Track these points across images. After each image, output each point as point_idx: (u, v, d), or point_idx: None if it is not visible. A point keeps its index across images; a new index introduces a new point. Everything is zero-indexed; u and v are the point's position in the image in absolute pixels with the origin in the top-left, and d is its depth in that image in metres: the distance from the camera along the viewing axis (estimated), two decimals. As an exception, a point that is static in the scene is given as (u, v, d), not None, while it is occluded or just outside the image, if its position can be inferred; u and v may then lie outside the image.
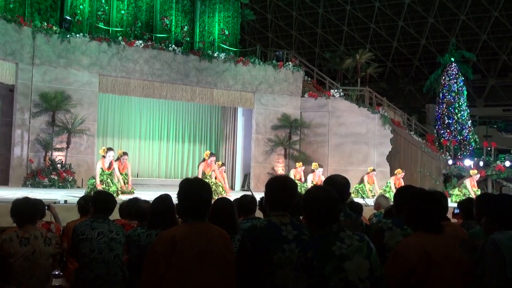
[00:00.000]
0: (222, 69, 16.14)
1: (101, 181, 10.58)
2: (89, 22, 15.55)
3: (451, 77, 21.81)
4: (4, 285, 3.86)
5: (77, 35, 14.31)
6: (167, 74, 15.42)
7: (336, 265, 2.55)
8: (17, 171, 13.36)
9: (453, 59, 22.49)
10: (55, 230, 5.00)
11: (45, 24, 14.10)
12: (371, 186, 13.85)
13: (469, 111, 22.23)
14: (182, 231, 2.86)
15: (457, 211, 5.32)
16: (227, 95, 16.35)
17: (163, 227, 3.36)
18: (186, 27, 17.57)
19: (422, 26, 31.66)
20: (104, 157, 10.83)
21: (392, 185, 13.55)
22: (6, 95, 14.06)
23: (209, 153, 12.07)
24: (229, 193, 11.62)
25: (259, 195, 4.56)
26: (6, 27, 13.15)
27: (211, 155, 12.06)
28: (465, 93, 22.06)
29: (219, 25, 17.92)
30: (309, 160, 15.72)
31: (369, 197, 13.37)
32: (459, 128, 21.22)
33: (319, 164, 13.97)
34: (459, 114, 21.38)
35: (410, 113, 21.76)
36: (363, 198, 12.32)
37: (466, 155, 19.79)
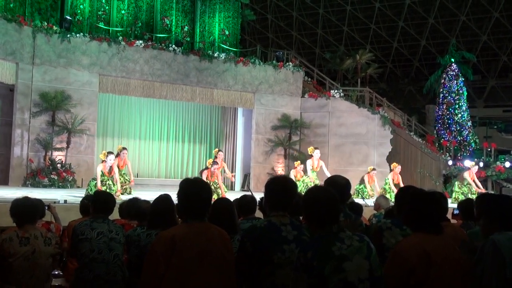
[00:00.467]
0: (222, 69, 16.14)
1: (102, 182, 10.58)
2: (89, 22, 15.55)
3: (451, 78, 21.80)
4: (4, 285, 3.86)
5: (77, 35, 14.31)
6: (167, 74, 15.43)
7: (336, 265, 2.55)
8: (17, 171, 13.36)
9: (453, 60, 22.49)
10: (55, 230, 5.01)
11: (45, 24, 14.10)
12: (371, 185, 13.80)
13: (469, 112, 22.22)
14: (182, 231, 2.86)
15: (456, 211, 5.32)
16: (227, 95, 16.36)
17: (163, 227, 3.36)
18: (186, 27, 17.57)
19: (422, 26, 31.66)
20: (104, 161, 10.78)
21: (390, 181, 13.48)
22: (6, 94, 14.07)
23: (211, 161, 11.48)
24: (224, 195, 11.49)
25: (259, 195, 4.56)
26: (6, 27, 13.16)
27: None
28: (465, 93, 22.05)
29: (219, 25, 17.92)
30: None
31: (371, 197, 13.34)
32: (459, 128, 21.21)
33: (314, 147, 13.90)
34: (459, 114, 21.38)
35: (410, 113, 21.76)
36: (363, 198, 12.32)
37: (466, 156, 19.78)
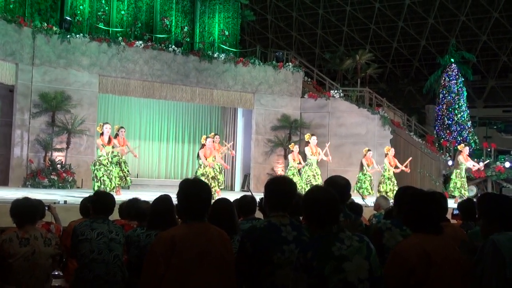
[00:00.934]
0: (222, 70, 16.15)
1: (102, 160, 10.69)
2: (89, 22, 15.55)
3: (451, 78, 21.81)
4: (3, 285, 3.86)
5: (77, 36, 14.31)
6: (167, 74, 15.43)
7: (335, 265, 2.55)
8: (17, 172, 13.36)
9: (453, 60, 22.50)
10: (55, 230, 5.01)
11: (45, 24, 14.10)
12: (371, 167, 13.74)
13: (469, 112, 22.24)
14: (181, 232, 2.86)
15: (456, 212, 5.32)
16: (227, 95, 16.36)
17: (163, 227, 3.35)
18: (186, 27, 17.57)
19: (422, 27, 31.66)
20: (102, 134, 10.93)
21: (388, 165, 13.50)
22: (6, 95, 14.07)
23: (205, 137, 11.74)
24: (219, 192, 11.58)
25: (259, 195, 4.56)
26: (6, 28, 13.16)
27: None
28: (465, 94, 22.07)
29: (219, 25, 17.92)
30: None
31: (370, 186, 13.49)
32: (459, 129, 21.22)
33: (310, 133, 13.89)
34: (459, 115, 21.39)
35: (410, 114, 21.77)
36: (363, 199, 12.33)
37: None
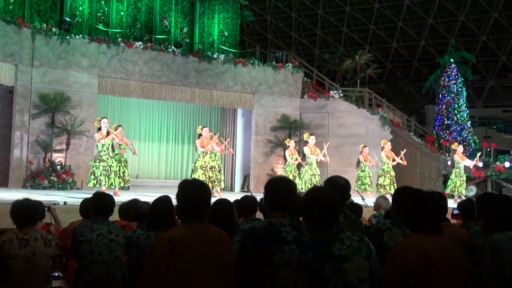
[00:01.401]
0: (221, 70, 16.15)
1: (102, 155, 10.70)
2: (88, 23, 15.54)
3: (451, 78, 21.81)
4: (3, 287, 3.86)
5: (77, 37, 14.31)
6: (167, 75, 15.43)
7: (335, 266, 2.55)
8: (16, 173, 13.35)
9: (452, 60, 22.49)
10: (54, 231, 5.00)
11: (45, 25, 14.09)
12: (367, 162, 13.88)
13: (468, 112, 22.23)
14: (181, 233, 2.86)
15: (456, 211, 5.32)
16: (226, 96, 16.36)
17: (163, 228, 3.35)
18: (185, 28, 17.57)
19: (421, 27, 31.67)
20: (100, 129, 10.97)
21: (385, 158, 13.63)
22: (5, 96, 14.06)
23: (201, 127, 12.01)
24: (220, 193, 11.68)
25: (259, 196, 4.56)
26: (5, 29, 13.16)
27: (203, 127, 12.11)
28: (465, 94, 22.06)
29: (218, 26, 17.92)
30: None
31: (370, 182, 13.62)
32: (458, 129, 21.22)
33: (309, 133, 14.02)
34: (459, 115, 21.38)
35: (409, 114, 21.77)
36: (363, 199, 12.32)
37: (465, 156, 19.78)
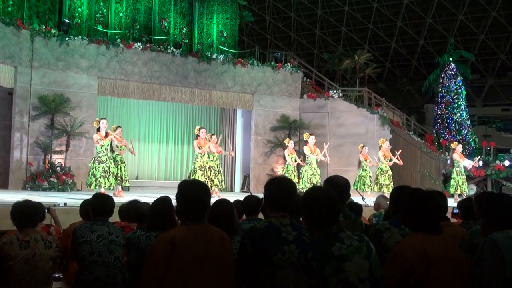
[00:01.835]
0: (221, 71, 16.15)
1: (99, 170, 10.71)
2: (87, 24, 15.55)
3: (450, 77, 21.82)
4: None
5: (76, 38, 14.31)
6: (166, 76, 15.43)
7: (335, 265, 2.55)
8: (16, 174, 13.35)
9: (451, 59, 22.51)
10: (55, 233, 5.01)
11: (44, 27, 14.10)
12: (367, 161, 13.95)
13: (468, 111, 22.24)
14: (181, 233, 2.86)
15: (456, 211, 5.32)
16: (226, 96, 16.36)
17: (163, 229, 3.36)
18: (184, 29, 17.58)
19: (420, 26, 31.67)
20: (99, 130, 11.01)
21: (381, 157, 13.69)
22: (5, 98, 14.06)
23: (199, 128, 12.10)
24: (218, 193, 11.76)
25: (259, 196, 4.57)
26: (4, 31, 13.16)
27: (200, 128, 12.13)
28: (464, 93, 22.07)
29: (217, 26, 17.92)
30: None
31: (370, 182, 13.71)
32: (458, 128, 21.22)
33: (309, 133, 14.09)
34: (458, 114, 21.39)
35: (409, 113, 21.78)
36: (363, 198, 12.33)
37: (465, 155, 19.78)
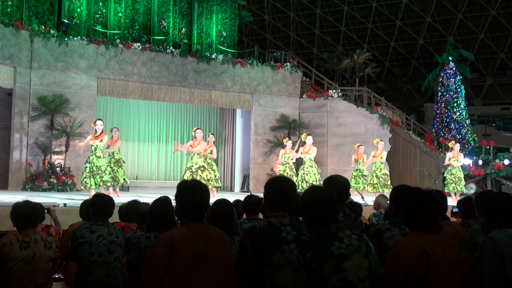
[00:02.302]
0: (220, 71, 16.15)
1: (86, 170, 10.68)
2: (86, 25, 15.55)
3: (449, 76, 21.81)
4: (3, 289, 3.86)
5: (75, 38, 14.31)
6: (165, 76, 15.43)
7: (335, 265, 2.54)
8: (16, 175, 13.35)
9: (450, 58, 22.50)
10: (55, 233, 5.01)
11: (43, 27, 14.10)
12: (361, 160, 14.03)
13: (467, 110, 22.24)
14: (180, 233, 2.86)
15: (455, 210, 5.32)
16: (225, 96, 16.36)
17: (162, 229, 3.35)
18: (183, 29, 17.58)
19: (419, 25, 31.68)
20: (95, 132, 11.05)
21: (370, 157, 13.86)
22: (4, 99, 14.07)
23: (195, 129, 12.30)
24: (214, 192, 11.84)
25: (259, 196, 4.57)
26: (3, 31, 13.15)
27: (197, 129, 12.26)
28: (463, 92, 22.06)
29: (216, 26, 17.92)
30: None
31: (364, 176, 13.79)
32: (457, 127, 21.22)
33: (306, 133, 14.14)
34: (458, 113, 21.39)
35: (408, 112, 21.81)
36: (363, 198, 12.34)
37: (465, 154, 19.80)
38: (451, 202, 10.16)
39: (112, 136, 11.91)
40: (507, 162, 17.41)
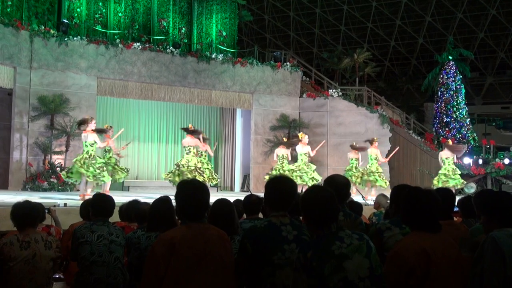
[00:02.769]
0: (220, 71, 16.15)
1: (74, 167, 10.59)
2: (86, 25, 15.55)
3: (449, 75, 21.84)
4: (3, 289, 3.86)
5: (75, 38, 14.31)
6: (165, 76, 15.43)
7: (335, 264, 2.54)
8: (16, 175, 13.35)
9: (450, 57, 22.53)
10: (55, 233, 5.01)
11: (43, 27, 14.10)
12: (355, 158, 14.12)
13: (467, 109, 22.26)
14: (180, 233, 2.86)
15: (456, 209, 5.31)
16: (225, 96, 16.36)
17: (163, 229, 3.35)
18: (183, 28, 17.58)
19: (419, 24, 31.68)
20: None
21: (370, 156, 13.93)
22: (4, 99, 14.07)
23: (191, 126, 12.36)
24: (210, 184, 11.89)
25: (259, 195, 4.57)
26: (3, 31, 13.16)
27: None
28: (463, 91, 22.09)
29: (216, 26, 17.93)
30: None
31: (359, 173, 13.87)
32: (457, 126, 21.24)
33: (303, 132, 14.24)
34: (458, 112, 21.40)
35: (408, 111, 21.82)
36: (363, 197, 12.36)
37: (465, 153, 19.81)
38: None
39: (107, 133, 11.78)
40: (507, 161, 17.41)
